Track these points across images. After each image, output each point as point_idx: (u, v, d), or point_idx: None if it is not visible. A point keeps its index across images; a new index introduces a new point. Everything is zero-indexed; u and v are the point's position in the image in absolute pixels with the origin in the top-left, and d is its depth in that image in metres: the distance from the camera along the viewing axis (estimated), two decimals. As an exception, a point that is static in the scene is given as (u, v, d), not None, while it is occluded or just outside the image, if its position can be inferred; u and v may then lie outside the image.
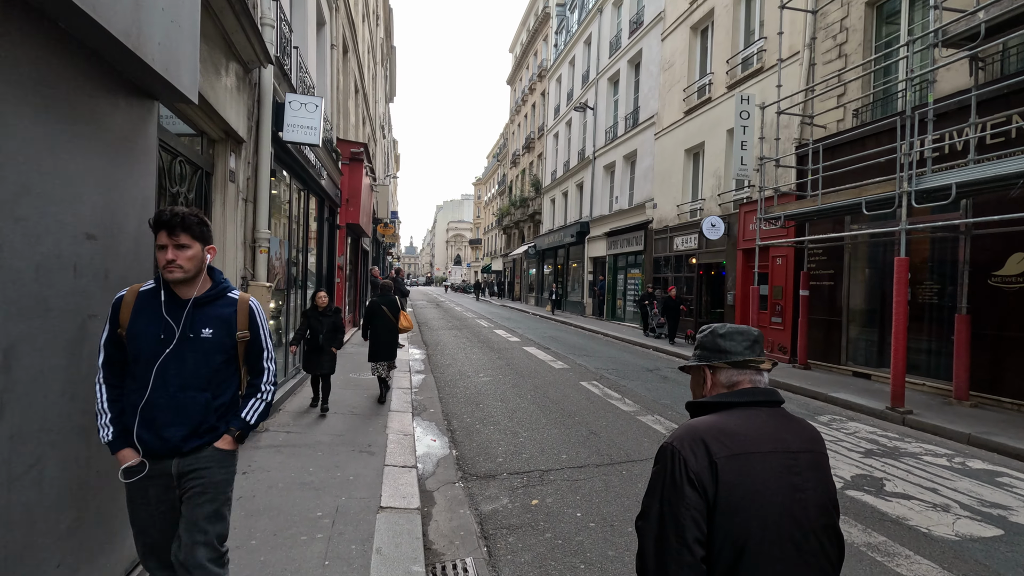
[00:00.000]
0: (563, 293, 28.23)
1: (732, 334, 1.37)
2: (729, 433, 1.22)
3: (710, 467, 1.18)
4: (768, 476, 1.20)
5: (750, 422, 1.26)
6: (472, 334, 16.08)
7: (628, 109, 20.83)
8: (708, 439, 1.21)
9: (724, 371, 1.35)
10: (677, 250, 16.10)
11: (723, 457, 1.18)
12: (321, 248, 9.59)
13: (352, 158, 11.59)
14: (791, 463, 1.23)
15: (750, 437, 1.23)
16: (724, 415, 1.27)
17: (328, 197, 9.76)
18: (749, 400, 1.30)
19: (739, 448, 1.20)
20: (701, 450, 1.19)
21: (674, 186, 16.67)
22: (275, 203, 6.60)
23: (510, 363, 10.86)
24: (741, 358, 1.33)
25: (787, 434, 1.27)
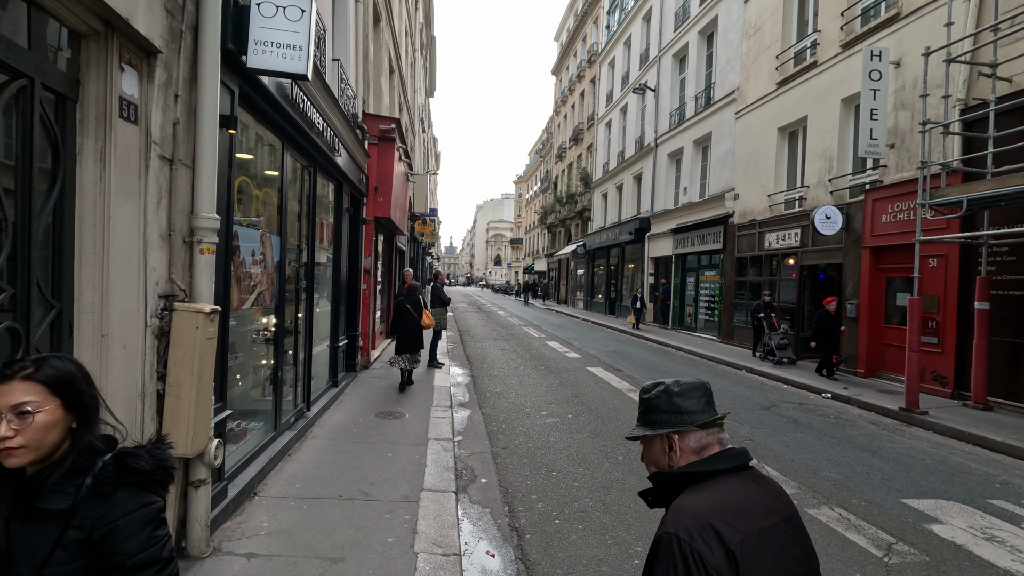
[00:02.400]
0: (616, 297, 25.62)
1: (689, 391, 1.24)
2: (733, 512, 1.07)
3: (727, 559, 1.02)
4: (779, 554, 1.07)
5: (742, 494, 1.12)
6: (522, 347, 13.80)
7: (699, 87, 18.12)
8: (716, 523, 1.05)
9: (692, 435, 1.20)
10: (769, 248, 13.36)
11: (737, 543, 1.03)
12: (339, 247, 7.51)
13: (382, 137, 9.50)
14: (789, 534, 1.11)
15: (751, 513, 1.09)
16: (711, 488, 1.12)
17: (349, 182, 7.67)
18: (731, 466, 1.16)
19: (748, 528, 1.06)
20: (713, 538, 1.03)
21: (763, 172, 13.92)
22: (254, 175, 4.47)
23: (577, 392, 8.51)
24: (706, 417, 1.20)
25: (773, 499, 1.15)
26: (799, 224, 12.27)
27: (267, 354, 5.06)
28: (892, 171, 9.81)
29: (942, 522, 4.17)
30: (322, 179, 6.74)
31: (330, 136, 6.07)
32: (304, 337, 5.95)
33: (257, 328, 5.00)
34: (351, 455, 5.14)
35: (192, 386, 2.83)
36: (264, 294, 4.57)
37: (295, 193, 5.68)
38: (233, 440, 4.37)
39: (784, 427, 6.82)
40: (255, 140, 4.59)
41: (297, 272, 5.76)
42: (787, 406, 8.08)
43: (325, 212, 7.07)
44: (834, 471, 5.23)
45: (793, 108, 12.87)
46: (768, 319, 11.69)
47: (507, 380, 9.48)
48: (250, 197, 4.28)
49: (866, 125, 9.66)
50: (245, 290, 4.15)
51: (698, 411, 1.22)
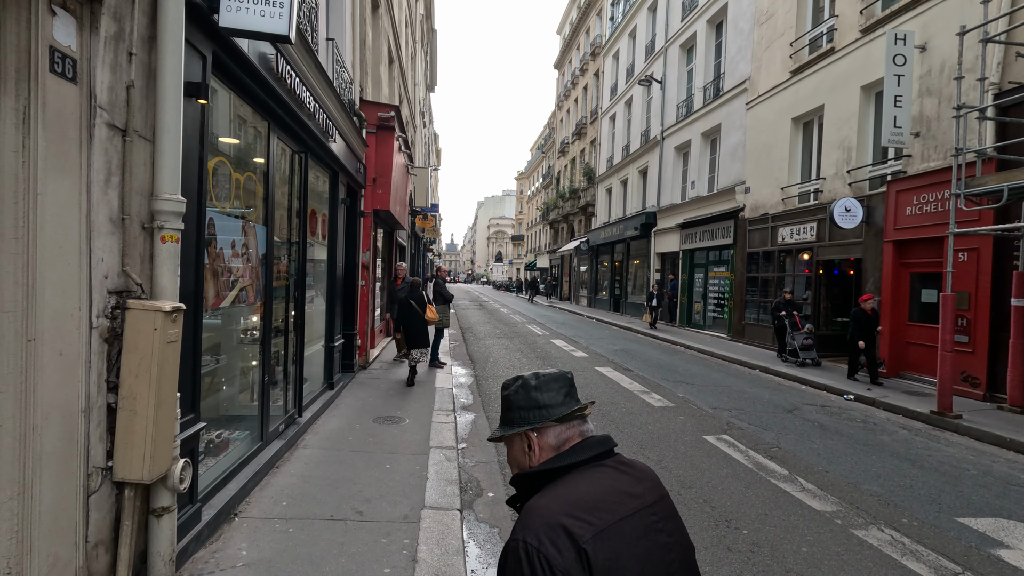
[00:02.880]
0: (621, 294, 25.15)
1: (547, 384, 1.16)
2: (586, 505, 1.00)
3: (578, 556, 0.94)
4: (640, 545, 1.00)
5: (600, 485, 1.05)
6: (526, 345, 13.35)
7: (708, 78, 17.61)
8: (566, 521, 0.97)
9: (551, 430, 1.13)
10: (783, 243, 12.88)
11: (590, 540, 0.96)
12: (334, 241, 7.05)
13: (381, 125, 9.03)
14: (653, 519, 1.05)
15: (608, 503, 1.02)
16: (569, 483, 1.05)
17: (345, 171, 7.21)
18: (589, 456, 1.09)
19: (603, 521, 0.99)
20: (563, 539, 0.95)
21: (776, 164, 13.44)
22: (234, 158, 4.01)
23: (586, 394, 8.05)
24: (565, 410, 1.13)
25: (637, 486, 1.09)
26: (815, 218, 11.79)
27: (254, 356, 4.61)
28: (917, 161, 9.32)
29: (1009, 546, 3.71)
30: (315, 167, 6.28)
31: (323, 119, 5.60)
32: (295, 337, 5.50)
33: (242, 328, 4.56)
34: (346, 466, 4.70)
35: (149, 399, 2.38)
36: (247, 290, 4.12)
37: (284, 180, 5.22)
38: (212, 453, 3.93)
39: (811, 433, 6.36)
40: (236, 118, 4.13)
41: (288, 267, 5.30)
42: (809, 409, 7.62)
43: (319, 203, 6.61)
44: (875, 484, 4.77)
45: (808, 97, 12.37)
46: (791, 317, 11.02)
47: (512, 381, 9.02)
48: (229, 182, 3.81)
49: (889, 113, 9.18)
50: (224, 285, 3.70)
51: (557, 404, 1.14)
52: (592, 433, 1.17)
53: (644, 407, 7.36)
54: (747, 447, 5.70)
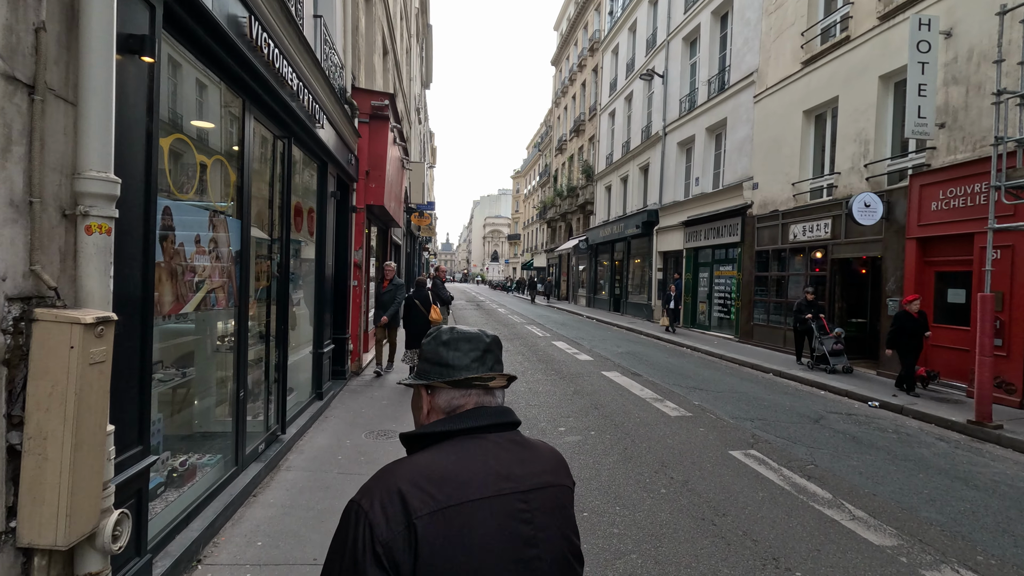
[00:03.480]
0: (622, 294, 24.63)
1: (457, 342, 1.04)
2: (438, 478, 0.90)
3: (407, 531, 0.85)
4: (489, 532, 0.89)
5: (469, 458, 0.94)
6: (527, 348, 12.79)
7: (712, 71, 17.09)
8: (407, 490, 0.88)
9: (444, 392, 1.03)
10: (795, 241, 12.37)
11: (425, 515, 0.86)
12: (323, 237, 6.45)
13: (374, 115, 8.45)
14: (520, 507, 0.93)
15: (466, 479, 0.91)
16: (438, 450, 0.95)
17: (335, 162, 6.63)
18: (471, 426, 0.98)
19: (449, 498, 0.88)
20: (396, 507, 0.86)
21: (787, 159, 12.92)
22: (200, 138, 3.43)
23: (596, 402, 7.51)
24: (463, 375, 1.01)
25: (518, 467, 0.97)
26: (829, 214, 11.28)
27: (228, 367, 4.03)
28: (943, 153, 8.81)
29: (1110, 591, 3.19)
30: (301, 155, 5.70)
31: (309, 102, 5.02)
32: (278, 344, 4.92)
33: (215, 335, 3.98)
34: (334, 493, 4.13)
35: (65, 438, 1.81)
36: (218, 292, 3.54)
37: (264, 169, 4.64)
38: (176, 484, 3.35)
39: (845, 447, 5.82)
40: (203, 93, 3.54)
41: (269, 266, 4.72)
42: (835, 418, 7.09)
43: (306, 196, 6.03)
44: (932, 510, 4.23)
45: (821, 89, 11.86)
46: (817, 320, 10.25)
47: (515, 387, 8.47)
48: (193, 166, 3.24)
49: (913, 103, 8.67)
50: (186, 287, 3.12)
51: (460, 367, 1.02)
52: (491, 404, 1.05)
53: (659, 417, 6.81)
54: (779, 464, 5.16)
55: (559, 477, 1.03)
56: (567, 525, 0.99)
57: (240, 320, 3.92)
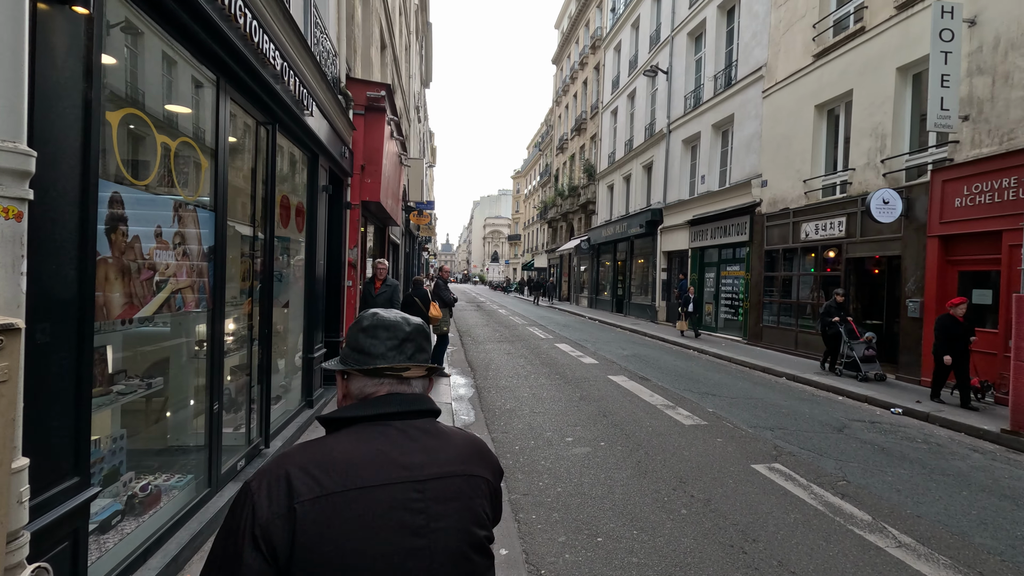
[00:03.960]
0: (624, 294, 24.22)
1: (375, 329, 1.02)
2: (329, 463, 0.89)
3: (287, 515, 0.84)
4: (373, 520, 0.86)
5: (367, 445, 0.93)
6: (529, 350, 12.37)
7: (718, 66, 16.69)
8: (295, 474, 0.87)
9: (357, 379, 1.02)
10: (806, 239, 11.95)
11: (307, 500, 0.85)
12: (314, 234, 6.03)
13: (370, 106, 8.04)
14: (413, 496, 0.90)
15: (358, 466, 0.89)
16: (341, 436, 0.95)
17: (326, 154, 6.21)
18: (376, 413, 0.97)
19: (336, 484, 0.87)
20: (281, 491, 0.85)
21: (797, 156, 12.51)
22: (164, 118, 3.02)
23: (604, 409, 7.09)
24: (377, 364, 1.00)
25: (419, 456, 0.94)
26: (843, 212, 10.87)
27: (202, 376, 3.62)
28: (966, 147, 8.40)
29: None
30: (288, 145, 5.29)
31: (295, 86, 4.60)
32: (262, 349, 4.50)
33: (187, 341, 3.57)
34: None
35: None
36: (185, 293, 3.12)
37: (244, 157, 4.22)
38: (136, 513, 2.94)
39: (875, 460, 5.40)
40: (170, 67, 3.13)
41: (250, 264, 4.31)
42: (859, 427, 6.68)
43: (294, 190, 5.61)
44: (986, 535, 3.81)
45: (834, 82, 11.45)
46: (846, 324, 9.56)
47: (518, 393, 8.05)
48: (154, 149, 2.82)
49: (936, 94, 8.26)
50: (144, 287, 2.70)
51: (376, 355, 1.01)
52: (403, 392, 1.02)
53: (672, 426, 6.39)
54: (808, 480, 4.74)
55: (470, 467, 0.99)
56: (469, 517, 0.95)
57: (214, 324, 3.51)
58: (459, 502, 0.94)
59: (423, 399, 1.04)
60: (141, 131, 2.72)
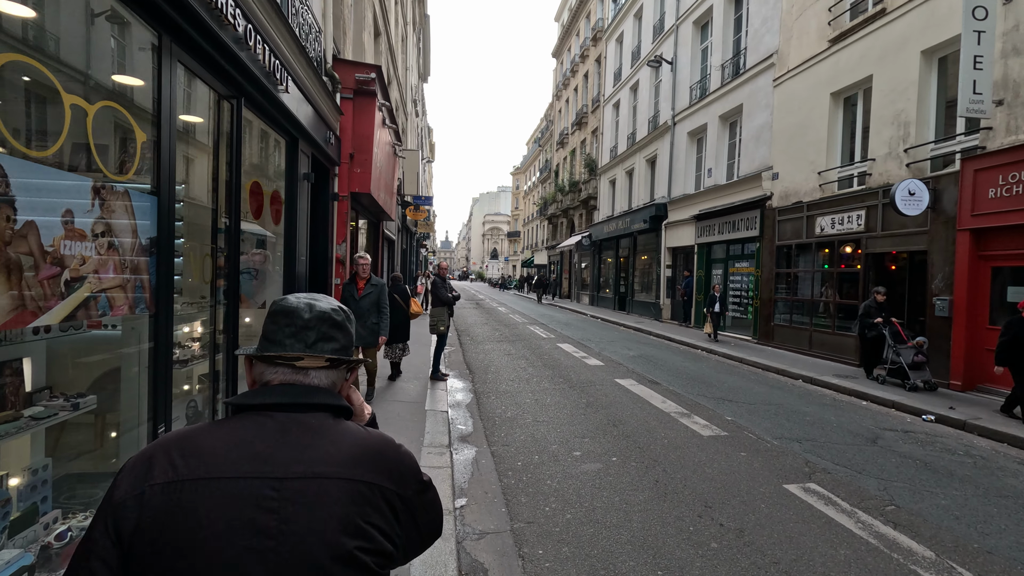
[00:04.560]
0: (627, 292, 23.64)
1: (276, 315, 0.99)
2: (193, 450, 0.87)
3: (138, 497, 0.82)
4: (219, 513, 0.82)
5: (236, 434, 0.89)
6: (530, 351, 11.80)
7: (726, 55, 16.08)
8: (159, 457, 0.86)
9: (258, 364, 1.00)
10: (822, 234, 11.37)
11: (159, 484, 0.83)
12: (294, 227, 5.44)
13: (359, 89, 7.45)
14: (267, 494, 0.84)
15: (218, 455, 0.86)
16: (222, 423, 0.93)
17: (307, 138, 5.63)
18: (257, 402, 0.94)
19: (190, 472, 0.84)
20: (140, 472, 0.85)
21: (812, 146, 11.92)
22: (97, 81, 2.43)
23: (613, 418, 6.52)
24: (277, 351, 0.97)
25: (288, 452, 0.88)
26: (862, 205, 10.28)
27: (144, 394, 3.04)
28: (1000, 134, 7.82)
29: None
30: (260, 125, 4.70)
31: (266, 56, 4.01)
32: (228, 360, 3.92)
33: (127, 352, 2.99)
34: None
35: None
36: (112, 295, 2.53)
37: (202, 133, 3.63)
38: (50, 567, 2.36)
39: (921, 478, 4.83)
40: (91, 17, 2.54)
41: (208, 259, 3.72)
42: (893, 437, 6.11)
43: (270, 176, 5.03)
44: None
45: (852, 68, 10.86)
46: (890, 326, 8.51)
47: (520, 398, 7.48)
48: (61, 113, 2.22)
49: (968, 77, 7.68)
50: (47, 287, 2.11)
51: (276, 341, 0.98)
52: (294, 383, 0.97)
53: (690, 437, 5.82)
54: (851, 505, 4.17)
55: (353, 471, 0.90)
56: (336, 525, 0.85)
57: (159, 330, 2.92)
58: (325, 508, 0.86)
59: (318, 392, 0.98)
60: (41, 88, 2.13)
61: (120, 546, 0.80)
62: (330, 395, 0.98)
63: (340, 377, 1.02)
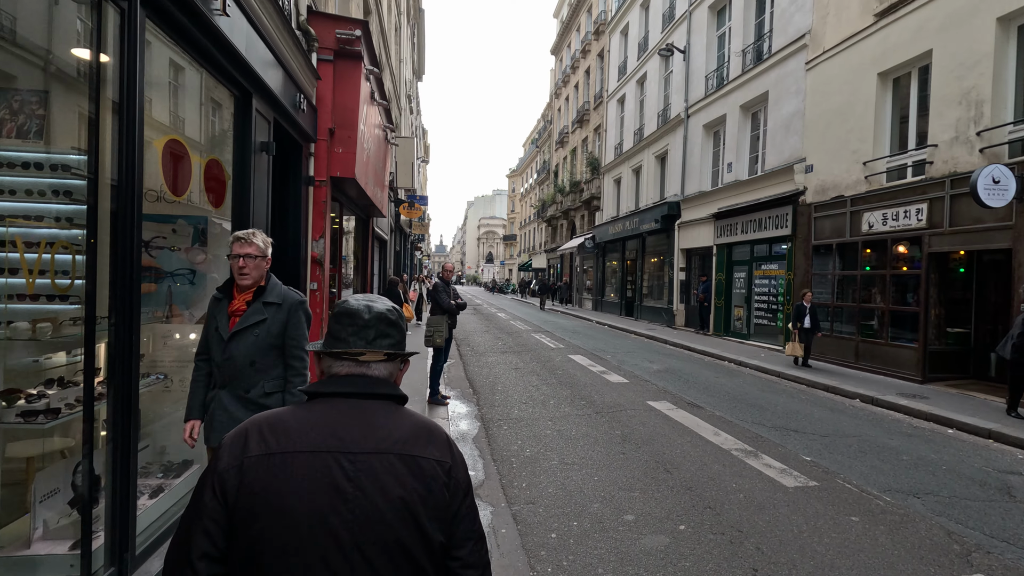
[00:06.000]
0: (635, 296, 22.30)
1: (340, 316, 1.12)
2: (279, 428, 1.02)
3: (239, 467, 0.98)
4: (304, 479, 0.97)
5: (312, 416, 1.04)
6: (540, 364, 10.42)
7: (747, 40, 14.82)
8: (252, 434, 1.01)
9: (325, 358, 1.12)
10: (870, 231, 10.06)
11: (254, 456, 0.98)
12: (245, 210, 4.03)
13: (341, 50, 6.07)
14: (346, 466, 0.99)
15: (300, 433, 1.01)
16: (301, 407, 1.08)
17: (267, 96, 4.24)
18: (330, 391, 1.08)
19: (280, 446, 0.99)
20: (239, 446, 1.00)
21: (855, 133, 10.64)
22: None
23: (660, 457, 5.15)
24: (342, 347, 1.09)
25: (359, 432, 1.03)
26: (922, 197, 8.98)
27: None
28: (1112, 108, 6.53)
29: None
30: (188, 65, 3.30)
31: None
32: (117, 401, 2.52)
33: None
34: None
35: None
36: None
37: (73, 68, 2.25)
38: None
39: (1116, 558, 3.48)
40: None
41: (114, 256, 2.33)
42: (1020, 480, 4.77)
43: (204, 140, 3.63)
44: None
45: (905, 44, 9.58)
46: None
47: (538, 428, 6.10)
48: None
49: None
50: None
51: (341, 339, 1.09)
52: (360, 374, 1.10)
53: (771, 489, 4.45)
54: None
55: (412, 448, 1.03)
56: (396, 490, 0.98)
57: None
58: (391, 477, 0.99)
59: (380, 383, 1.10)
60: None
61: (226, 507, 0.96)
62: (390, 386, 1.12)
63: (396, 368, 1.16)
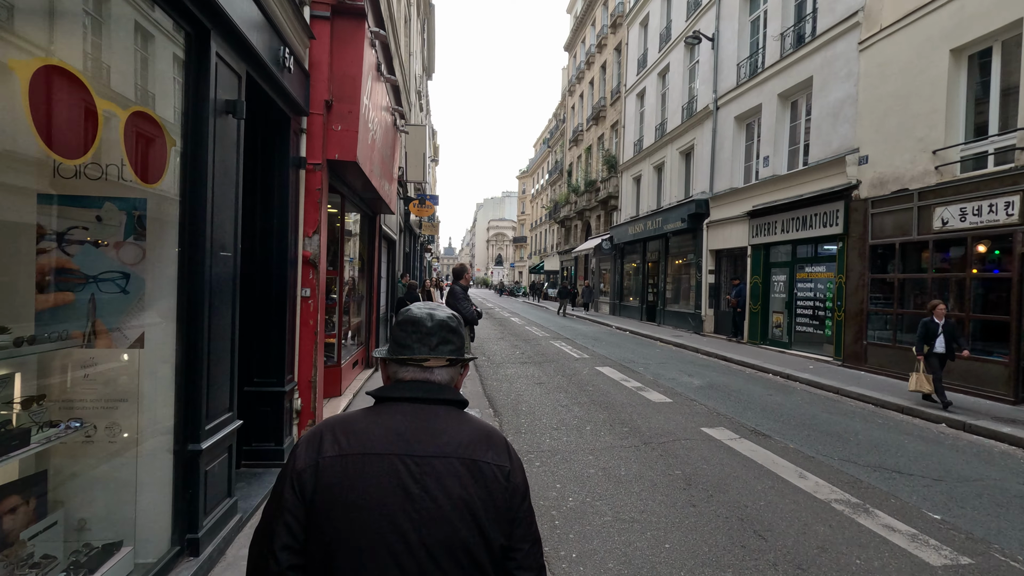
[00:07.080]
0: (657, 301, 21.09)
1: (403, 324, 1.19)
2: (351, 430, 1.09)
3: (315, 466, 1.05)
4: (375, 480, 1.04)
5: (381, 419, 1.11)
6: (565, 378, 9.29)
7: (786, 23, 13.63)
8: (327, 435, 1.09)
9: (390, 364, 1.19)
10: (943, 229, 8.84)
11: (329, 456, 1.05)
12: (201, 189, 2.97)
13: (340, 7, 5.01)
14: (412, 468, 1.05)
15: (371, 435, 1.08)
16: (370, 410, 1.15)
17: (235, 38, 3.20)
18: (392, 395, 1.15)
19: (352, 448, 1.06)
20: (314, 447, 1.07)
21: (921, 119, 9.43)
22: None
23: (738, 510, 4.01)
24: (407, 354, 1.16)
25: (425, 436, 1.09)
26: (1013, 189, 7.78)
27: None
28: None
29: None
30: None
31: None
32: None
33: None
34: None
35: None
36: None
37: None
38: None
39: None
40: None
41: None
42: None
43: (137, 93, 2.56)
44: None
45: (987, 13, 8.39)
46: None
47: (576, 466, 4.99)
48: None
49: None
50: None
51: (404, 345, 1.17)
52: (424, 380, 1.17)
53: (907, 566, 3.29)
54: None
55: (474, 452, 1.08)
56: (458, 491, 1.04)
57: None
58: (454, 479, 1.04)
59: (443, 388, 1.16)
60: None
61: (303, 503, 1.02)
62: (452, 391, 1.17)
63: (456, 372, 1.21)
